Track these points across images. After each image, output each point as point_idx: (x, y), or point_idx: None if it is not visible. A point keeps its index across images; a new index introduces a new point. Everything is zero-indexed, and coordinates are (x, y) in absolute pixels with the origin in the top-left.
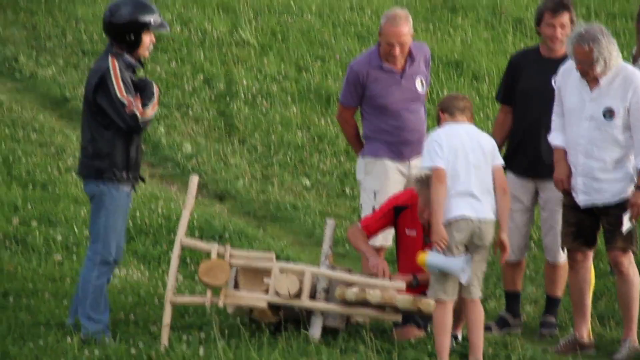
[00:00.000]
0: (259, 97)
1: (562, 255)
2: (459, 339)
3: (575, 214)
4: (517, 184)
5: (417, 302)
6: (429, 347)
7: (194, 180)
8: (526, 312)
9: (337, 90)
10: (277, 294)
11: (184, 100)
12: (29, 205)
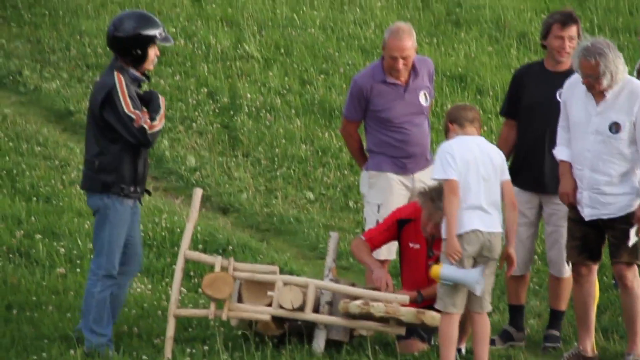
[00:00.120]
0: (263, 111)
1: (567, 269)
2: (463, 352)
3: (581, 228)
4: (521, 198)
5: (421, 315)
6: None
7: (198, 193)
8: (530, 326)
9: (341, 104)
10: (281, 307)
11: (188, 114)
12: (32, 218)
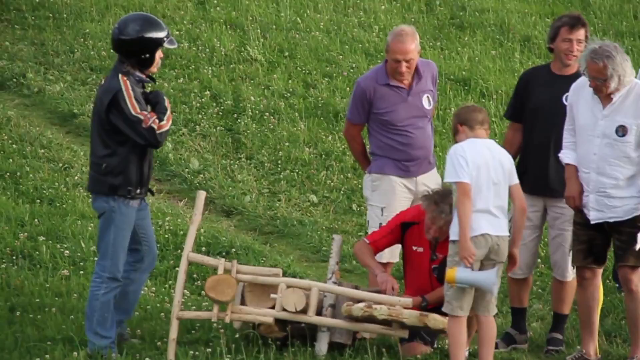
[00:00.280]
0: (267, 114)
1: (570, 273)
2: (466, 354)
3: (586, 232)
4: (526, 202)
5: (424, 318)
6: None
7: (201, 196)
8: (533, 329)
9: (344, 107)
10: (284, 310)
11: (192, 117)
12: (36, 220)
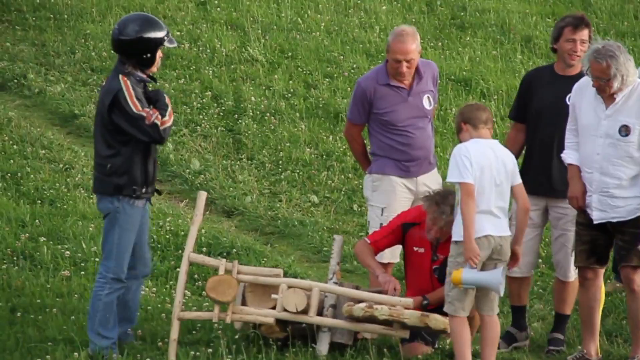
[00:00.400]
0: (267, 114)
1: (573, 273)
2: None
3: (589, 232)
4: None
5: (425, 318)
6: None
7: (202, 196)
8: (534, 329)
9: (345, 107)
10: (285, 310)
11: (193, 117)
12: (37, 221)
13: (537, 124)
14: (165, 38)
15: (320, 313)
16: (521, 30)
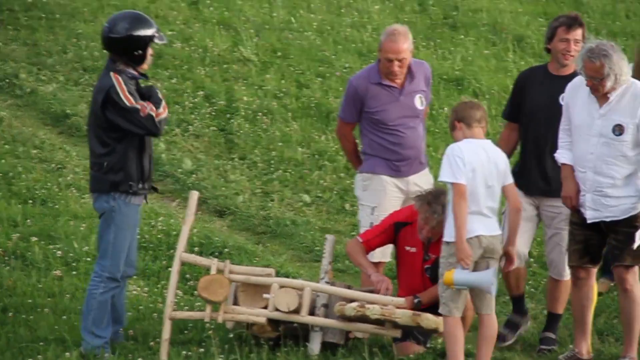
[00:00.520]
0: (259, 114)
1: (567, 272)
2: None
3: (583, 232)
4: (522, 200)
5: (417, 317)
6: None
7: (194, 196)
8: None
9: (337, 107)
10: (277, 310)
11: (185, 117)
12: (28, 221)
13: (530, 124)
14: (155, 35)
15: (312, 312)
16: (513, 29)
